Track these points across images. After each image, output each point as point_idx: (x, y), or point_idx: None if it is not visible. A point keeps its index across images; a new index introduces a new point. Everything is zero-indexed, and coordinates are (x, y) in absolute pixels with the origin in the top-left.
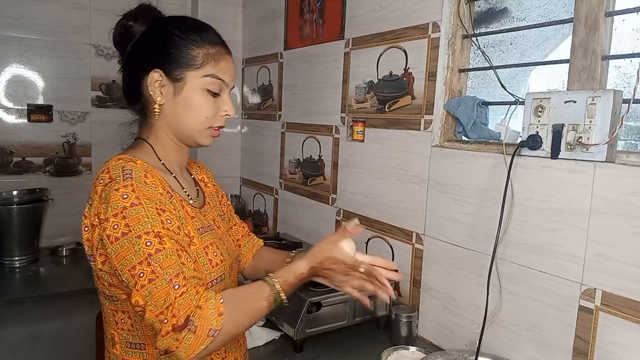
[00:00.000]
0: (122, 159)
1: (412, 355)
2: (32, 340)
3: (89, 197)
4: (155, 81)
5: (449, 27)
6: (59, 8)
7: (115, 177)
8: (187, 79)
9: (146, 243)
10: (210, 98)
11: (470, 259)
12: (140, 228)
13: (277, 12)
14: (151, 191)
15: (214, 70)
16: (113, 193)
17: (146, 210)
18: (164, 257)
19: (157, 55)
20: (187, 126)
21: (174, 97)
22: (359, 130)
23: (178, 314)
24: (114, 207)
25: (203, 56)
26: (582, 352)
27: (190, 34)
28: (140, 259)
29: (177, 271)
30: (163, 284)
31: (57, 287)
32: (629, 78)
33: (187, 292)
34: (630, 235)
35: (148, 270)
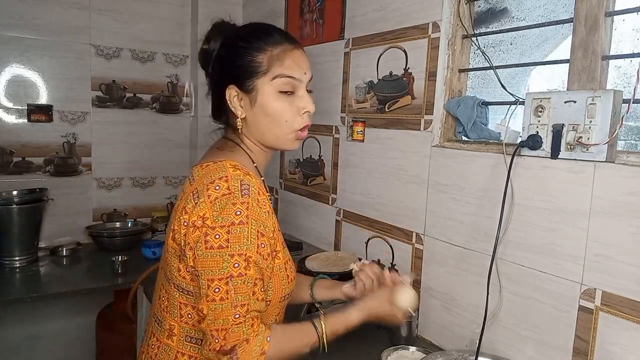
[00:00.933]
0: (239, 169)
1: (412, 355)
2: (32, 340)
3: (193, 192)
4: (233, 97)
5: (449, 27)
6: (59, 8)
7: (233, 190)
8: (258, 87)
9: (234, 264)
10: (286, 99)
11: (470, 259)
12: (236, 248)
13: (277, 12)
14: (260, 212)
15: (280, 70)
16: (229, 206)
17: (249, 231)
18: (242, 283)
19: (229, 71)
20: (272, 133)
21: (252, 108)
22: (359, 130)
23: (228, 340)
24: (225, 219)
25: (267, 60)
26: (582, 352)
27: (252, 41)
28: (222, 276)
29: (244, 301)
30: (229, 307)
31: (57, 287)
32: (629, 78)
33: (244, 324)
34: (630, 235)
35: (224, 289)
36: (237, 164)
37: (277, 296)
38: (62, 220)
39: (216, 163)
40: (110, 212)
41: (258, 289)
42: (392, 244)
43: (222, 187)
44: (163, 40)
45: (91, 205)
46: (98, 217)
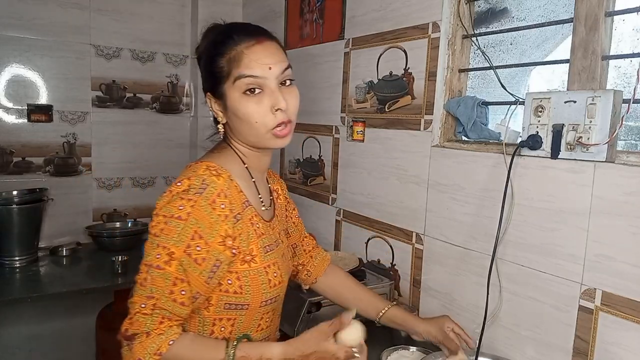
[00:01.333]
0: (210, 169)
1: (412, 355)
2: (32, 340)
3: None
4: (212, 104)
5: (449, 27)
6: (59, 8)
7: (191, 187)
8: (225, 92)
9: (157, 255)
10: (253, 100)
11: (470, 259)
12: (164, 240)
13: (277, 12)
14: (209, 213)
15: (239, 71)
16: (177, 200)
17: (183, 229)
18: (159, 276)
19: (204, 78)
20: (250, 134)
21: (226, 113)
22: (359, 130)
23: (131, 326)
24: (168, 211)
25: (226, 63)
26: (582, 352)
27: (216, 46)
28: (146, 262)
29: (156, 295)
30: (142, 295)
31: (57, 287)
32: (629, 78)
33: (150, 317)
34: (630, 235)
35: (143, 276)
36: (213, 165)
37: (257, 300)
38: (62, 220)
39: (197, 164)
40: (110, 212)
41: (177, 290)
42: (392, 244)
43: (184, 184)
44: (163, 40)
45: (91, 205)
46: (98, 217)
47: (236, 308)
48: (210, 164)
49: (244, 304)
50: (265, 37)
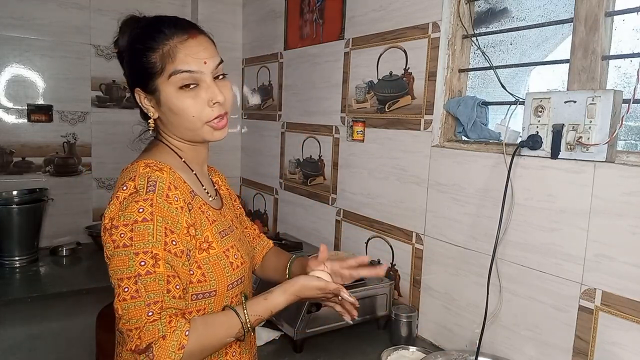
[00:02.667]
0: (150, 166)
1: (412, 355)
2: (32, 340)
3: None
4: (142, 99)
5: (449, 27)
6: (59, 8)
7: (139, 188)
8: (159, 87)
9: (140, 262)
10: (189, 94)
11: (470, 259)
12: (140, 246)
13: (277, 12)
14: (168, 208)
15: (174, 66)
16: (132, 204)
17: (154, 228)
18: (152, 281)
19: (131, 74)
20: (185, 128)
21: (159, 107)
22: (359, 130)
23: (142, 339)
24: (127, 217)
25: (160, 58)
26: (582, 352)
27: (144, 41)
28: (130, 275)
29: (157, 298)
30: (141, 306)
31: (57, 287)
32: (629, 78)
33: (159, 321)
34: (630, 235)
35: (133, 288)
36: (150, 162)
37: (223, 285)
38: (62, 220)
39: (132, 164)
40: None
41: (173, 286)
42: (392, 244)
43: (129, 187)
44: None
45: (91, 205)
46: (98, 217)
47: (204, 297)
48: (148, 161)
49: (210, 291)
50: (197, 31)
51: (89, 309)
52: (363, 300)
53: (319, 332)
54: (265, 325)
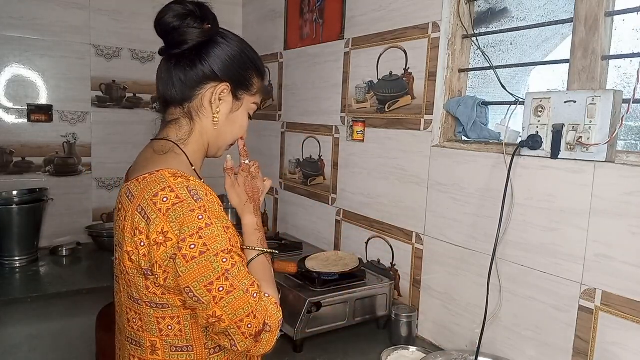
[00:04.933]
0: (179, 176)
1: (412, 355)
2: (32, 340)
3: (138, 209)
4: (221, 91)
5: (449, 27)
6: (59, 8)
7: (184, 197)
8: (244, 100)
9: (222, 260)
10: (247, 121)
11: (470, 259)
12: (217, 247)
13: (277, 12)
14: (218, 209)
15: (257, 99)
16: (188, 214)
17: (217, 230)
18: (238, 271)
19: (230, 70)
20: (225, 140)
21: (229, 113)
22: (359, 130)
23: (258, 320)
24: (191, 227)
25: (258, 85)
26: (582, 352)
27: (256, 60)
28: (218, 275)
29: (251, 281)
30: (241, 295)
31: (57, 287)
32: (629, 78)
33: (261, 299)
34: (630, 235)
35: (227, 284)
36: (175, 171)
37: None
38: (62, 220)
39: (152, 174)
40: (110, 212)
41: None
42: (392, 244)
43: (171, 197)
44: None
45: (91, 205)
46: (98, 217)
47: None
48: (171, 171)
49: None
50: None
51: (89, 309)
52: (363, 300)
53: (319, 332)
54: None
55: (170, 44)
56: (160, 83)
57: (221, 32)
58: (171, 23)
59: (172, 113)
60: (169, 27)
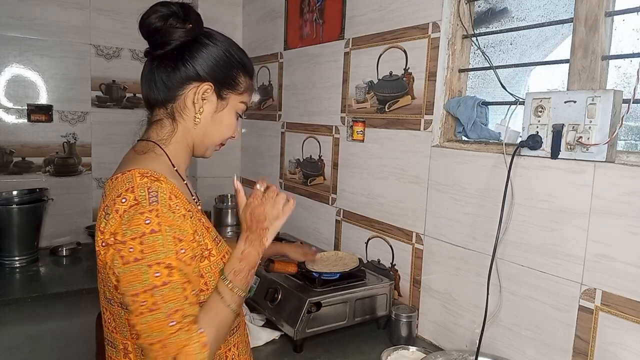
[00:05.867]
0: (147, 176)
1: (412, 355)
2: (32, 340)
3: (104, 209)
4: (204, 91)
5: (449, 27)
6: (59, 8)
7: (140, 199)
8: (229, 100)
9: (155, 274)
10: (236, 121)
11: (470, 259)
12: (153, 257)
13: (277, 12)
14: (173, 217)
15: (246, 98)
16: (137, 217)
17: (164, 239)
18: (169, 291)
19: (213, 69)
20: (212, 140)
21: (213, 113)
22: (359, 130)
23: (167, 352)
24: (135, 231)
25: (245, 84)
26: (582, 352)
27: (243, 59)
28: (145, 288)
29: (177, 307)
30: (161, 317)
31: (57, 287)
32: (629, 78)
33: (182, 330)
34: (630, 235)
35: (150, 301)
36: (146, 171)
37: None
38: (62, 220)
39: (124, 174)
40: None
41: (189, 294)
42: (392, 244)
43: (129, 199)
44: None
45: (91, 205)
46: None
47: None
48: (142, 170)
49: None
50: None
51: (89, 309)
52: (363, 300)
53: (319, 332)
54: (265, 325)
55: (153, 45)
56: (143, 84)
57: (206, 31)
58: (154, 24)
59: (156, 114)
60: (151, 28)
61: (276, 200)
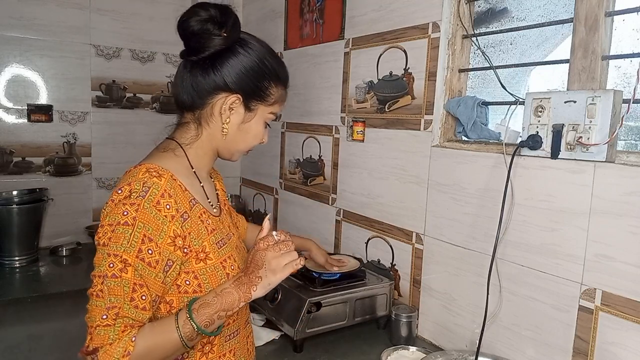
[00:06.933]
0: (150, 171)
1: (412, 355)
2: (32, 340)
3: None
4: (231, 103)
5: (449, 27)
6: (59, 8)
7: (132, 192)
8: (258, 111)
9: (109, 264)
10: (264, 129)
11: (470, 259)
12: (113, 248)
13: (277, 12)
14: (155, 215)
15: (277, 109)
16: (120, 206)
17: (132, 234)
18: (115, 285)
19: (243, 80)
20: (237, 148)
21: (240, 124)
22: (359, 130)
23: (92, 340)
24: (112, 218)
25: (276, 95)
26: (582, 352)
27: (277, 69)
28: (100, 274)
29: (116, 304)
30: (101, 307)
31: (57, 287)
32: (629, 78)
33: (112, 327)
34: (630, 235)
35: (99, 287)
36: (152, 167)
37: None
38: (62, 220)
39: (136, 167)
40: None
41: (138, 296)
42: (392, 244)
43: (125, 191)
44: (163, 40)
45: (91, 205)
46: (98, 217)
47: None
48: (150, 166)
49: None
50: None
51: None
52: (363, 300)
53: (319, 332)
54: (265, 325)
55: (189, 50)
56: (174, 86)
57: (242, 38)
58: (191, 27)
59: (184, 116)
60: (188, 31)
61: (283, 254)
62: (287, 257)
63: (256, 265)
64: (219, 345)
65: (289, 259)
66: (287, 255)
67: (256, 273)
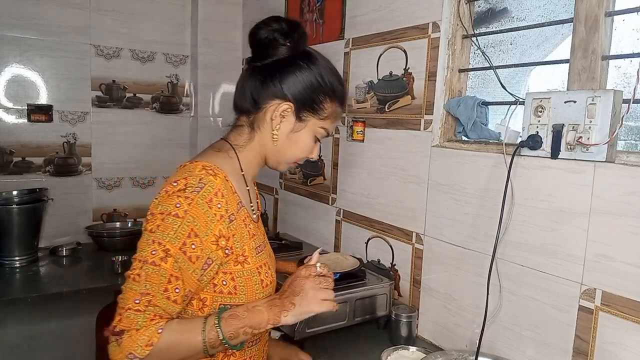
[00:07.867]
0: (207, 169)
1: (412, 355)
2: (32, 340)
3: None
4: (283, 111)
5: (449, 27)
6: (59, 8)
7: (188, 186)
8: (308, 123)
9: (152, 251)
10: (314, 144)
11: (470, 259)
12: (159, 236)
13: (277, 12)
14: (205, 212)
15: (329, 125)
16: (173, 197)
17: (180, 226)
18: (153, 272)
19: (298, 90)
20: (285, 157)
21: (290, 132)
22: (359, 130)
23: (121, 322)
24: (164, 208)
25: (330, 111)
26: (582, 352)
27: (334, 86)
28: (141, 258)
29: (150, 291)
30: (135, 291)
31: (57, 287)
32: (629, 78)
33: (142, 313)
34: (630, 235)
35: (137, 271)
36: (209, 165)
37: (250, 301)
38: (62, 220)
39: (192, 163)
40: (110, 212)
41: (172, 288)
42: (392, 244)
43: (180, 184)
44: (163, 40)
45: (91, 205)
46: (98, 217)
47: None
48: (206, 164)
49: (237, 305)
50: None
51: (89, 309)
52: (363, 300)
53: (319, 332)
54: None
55: (254, 56)
56: (235, 89)
57: (306, 51)
58: (260, 35)
59: (240, 119)
60: (257, 39)
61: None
62: (325, 293)
63: (293, 291)
64: (241, 351)
65: (326, 295)
66: (326, 291)
67: (291, 299)
